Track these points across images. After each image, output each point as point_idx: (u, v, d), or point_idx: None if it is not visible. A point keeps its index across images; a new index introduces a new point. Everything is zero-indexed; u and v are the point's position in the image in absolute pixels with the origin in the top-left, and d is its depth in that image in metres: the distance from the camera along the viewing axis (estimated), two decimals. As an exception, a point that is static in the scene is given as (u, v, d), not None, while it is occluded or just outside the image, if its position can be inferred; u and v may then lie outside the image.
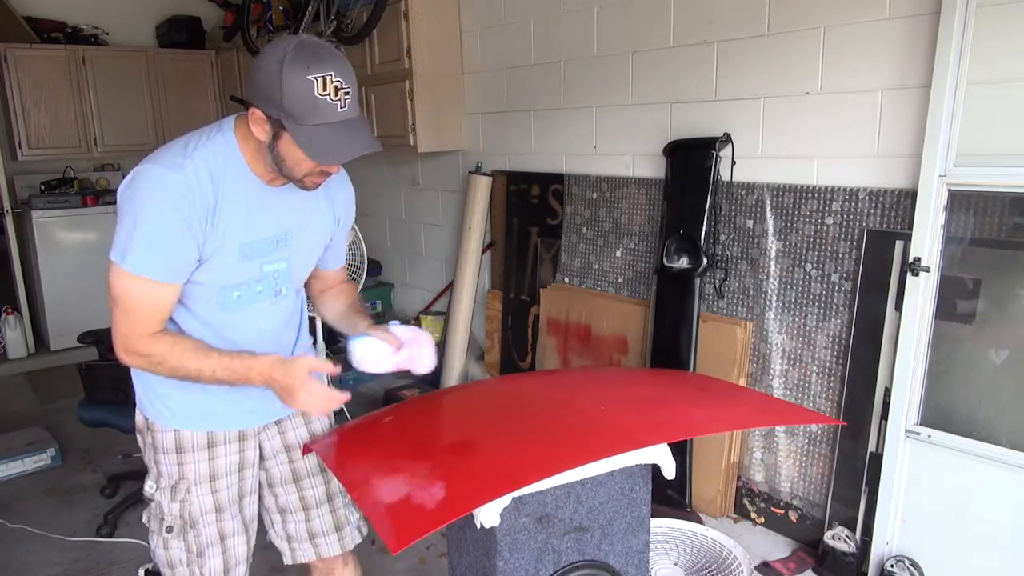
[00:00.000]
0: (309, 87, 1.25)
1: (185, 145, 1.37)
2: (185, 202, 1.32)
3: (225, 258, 1.41)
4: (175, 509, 1.54)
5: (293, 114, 1.27)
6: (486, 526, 1.37)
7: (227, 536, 1.59)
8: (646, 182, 3.13)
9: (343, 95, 1.28)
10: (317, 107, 1.26)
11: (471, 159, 4.08)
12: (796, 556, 2.61)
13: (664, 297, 2.94)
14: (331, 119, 1.28)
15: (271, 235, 1.47)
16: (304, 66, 1.25)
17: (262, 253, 1.46)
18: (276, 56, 1.26)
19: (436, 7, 3.86)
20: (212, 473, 1.56)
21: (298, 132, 1.28)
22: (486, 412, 1.74)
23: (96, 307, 4.68)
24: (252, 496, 1.65)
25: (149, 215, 1.31)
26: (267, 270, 1.48)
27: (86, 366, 2.93)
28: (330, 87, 1.26)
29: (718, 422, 1.82)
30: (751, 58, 2.66)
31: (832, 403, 2.58)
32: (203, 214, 1.35)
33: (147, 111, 5.53)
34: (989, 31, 2.04)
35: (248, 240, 1.43)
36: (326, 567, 1.76)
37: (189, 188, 1.32)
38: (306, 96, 1.25)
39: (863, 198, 2.42)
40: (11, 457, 3.45)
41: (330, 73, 1.26)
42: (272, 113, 1.29)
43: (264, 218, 1.44)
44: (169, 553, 1.55)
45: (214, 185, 1.35)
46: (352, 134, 1.31)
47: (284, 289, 1.54)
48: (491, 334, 4.10)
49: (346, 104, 1.29)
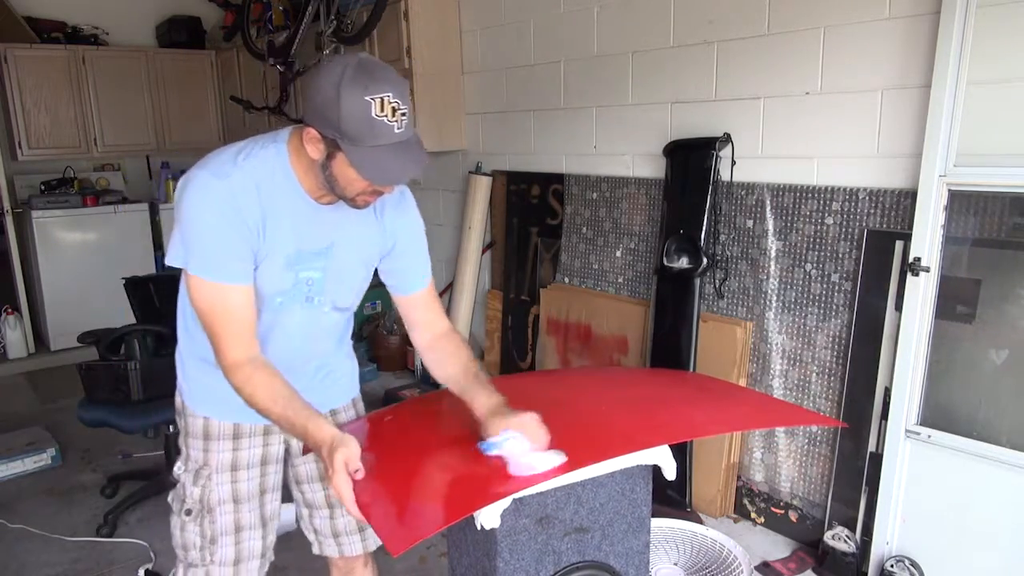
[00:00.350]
0: (367, 108, 1.23)
1: (237, 153, 1.38)
2: (230, 209, 1.33)
3: (272, 265, 1.43)
4: (195, 493, 1.58)
5: (350, 135, 1.26)
6: (486, 527, 1.37)
7: (242, 528, 1.61)
8: (646, 182, 3.13)
9: (400, 116, 1.26)
10: (374, 128, 1.25)
11: (471, 159, 4.08)
12: (796, 556, 2.61)
13: (664, 297, 2.94)
14: (387, 140, 1.27)
15: (315, 248, 1.47)
16: (362, 87, 1.23)
17: (304, 263, 1.47)
18: (334, 77, 1.24)
19: (436, 7, 3.86)
20: (234, 464, 1.59)
21: (354, 153, 1.27)
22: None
23: (96, 307, 4.76)
24: (274, 494, 1.67)
25: (196, 222, 1.33)
26: (302, 276, 1.49)
27: (86, 366, 2.93)
28: (387, 108, 1.25)
29: (719, 423, 1.81)
30: (751, 58, 2.65)
31: (832, 403, 2.58)
32: (251, 222, 1.36)
33: (147, 111, 5.53)
34: (989, 31, 2.04)
35: (294, 250, 1.44)
36: (347, 565, 1.79)
37: (234, 196, 1.33)
38: (364, 117, 1.24)
39: (863, 198, 2.42)
40: (11, 457, 3.45)
41: (388, 94, 1.25)
42: (328, 133, 1.28)
43: (310, 232, 1.45)
44: (185, 535, 1.59)
45: (260, 197, 1.36)
46: (406, 154, 1.29)
47: (317, 299, 1.52)
48: (491, 334, 4.10)
49: (403, 125, 1.27)
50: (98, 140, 5.34)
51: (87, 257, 5.19)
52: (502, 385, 1.53)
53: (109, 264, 5.07)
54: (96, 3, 5.47)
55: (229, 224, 1.34)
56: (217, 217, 1.33)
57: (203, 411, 1.59)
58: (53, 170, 5.36)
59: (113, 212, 5.30)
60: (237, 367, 1.38)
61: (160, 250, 5.52)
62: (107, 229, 5.28)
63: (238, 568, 1.61)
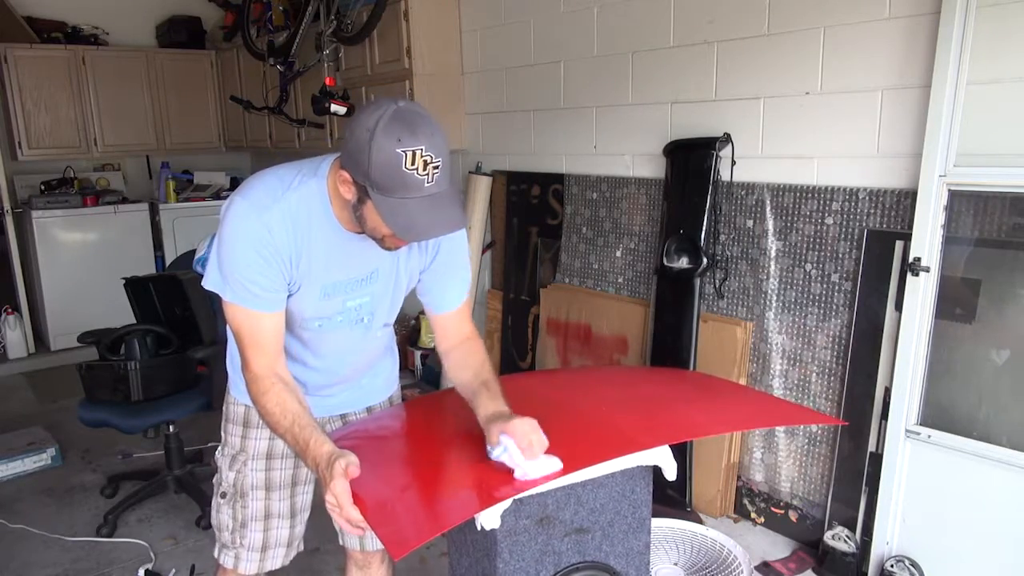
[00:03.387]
0: (398, 160, 1.21)
1: (279, 183, 1.39)
2: (264, 242, 1.36)
3: (307, 295, 1.46)
4: (231, 478, 1.66)
5: (379, 185, 1.24)
6: (486, 528, 1.37)
7: (272, 516, 1.68)
8: (646, 182, 3.13)
9: (432, 169, 1.24)
10: (405, 181, 1.23)
11: (471, 159, 4.08)
12: (796, 556, 2.61)
13: (664, 297, 2.94)
14: (418, 194, 1.24)
15: (356, 277, 1.49)
16: (395, 138, 1.21)
17: (346, 292, 1.49)
18: (369, 124, 1.23)
19: (436, 7, 3.86)
20: (270, 452, 1.66)
21: (381, 203, 1.26)
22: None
23: (96, 307, 4.76)
24: (306, 486, 1.73)
25: (231, 250, 1.37)
26: (350, 305, 1.52)
27: (86, 366, 2.93)
28: (419, 161, 1.22)
29: (719, 423, 1.82)
30: (751, 58, 2.65)
31: (832, 403, 2.57)
32: (285, 253, 1.38)
33: (147, 111, 5.52)
34: (989, 31, 2.04)
35: (331, 281, 1.46)
36: (365, 560, 1.83)
37: (271, 232, 1.36)
38: (394, 170, 1.22)
39: (863, 198, 2.42)
40: (11, 457, 3.45)
41: (421, 147, 1.22)
42: (359, 179, 1.27)
43: (348, 262, 1.46)
44: (219, 516, 1.68)
45: (296, 230, 1.38)
46: (437, 210, 1.27)
47: (367, 319, 1.57)
48: (491, 334, 4.10)
49: (434, 179, 1.24)
50: (98, 140, 5.34)
51: (87, 257, 5.18)
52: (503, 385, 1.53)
53: (109, 264, 5.06)
54: (96, 3, 5.46)
55: (263, 259, 1.37)
56: (253, 252, 1.36)
57: (243, 399, 1.63)
58: (53, 170, 5.36)
59: (113, 212, 5.30)
60: (260, 378, 1.42)
61: (160, 250, 5.52)
62: (107, 229, 5.27)
63: (265, 554, 1.69)
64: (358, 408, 1.76)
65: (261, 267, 1.37)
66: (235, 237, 1.36)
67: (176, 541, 2.84)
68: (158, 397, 2.90)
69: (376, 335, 1.64)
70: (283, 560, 1.72)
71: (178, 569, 2.64)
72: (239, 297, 1.39)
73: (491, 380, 1.54)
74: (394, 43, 3.87)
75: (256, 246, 1.35)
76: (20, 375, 5.00)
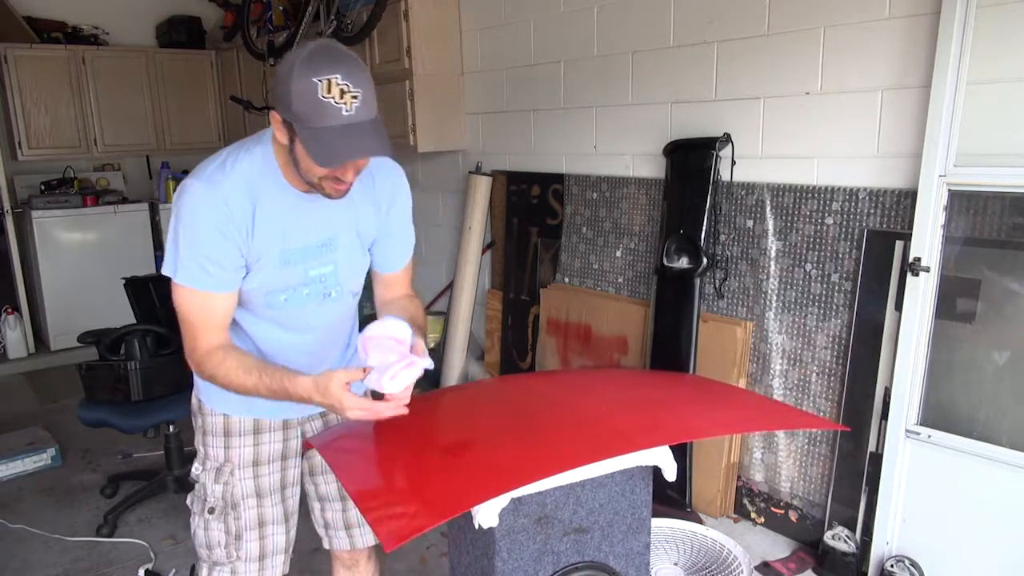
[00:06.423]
0: (314, 88, 1.25)
1: (225, 159, 1.42)
2: (223, 217, 1.38)
3: (267, 265, 1.45)
4: (218, 491, 1.60)
5: (299, 116, 1.28)
6: (484, 526, 1.37)
7: (266, 523, 1.64)
8: (646, 182, 3.13)
9: (350, 99, 1.27)
10: (322, 109, 1.26)
11: (471, 159, 4.08)
12: (796, 556, 2.61)
13: (664, 297, 2.94)
14: (336, 122, 1.27)
15: (314, 241, 1.49)
16: (312, 69, 1.25)
17: (306, 259, 1.49)
18: (290, 60, 1.28)
19: (436, 7, 3.86)
20: (256, 459, 1.63)
21: (304, 134, 1.29)
22: (485, 412, 1.74)
23: (96, 307, 4.76)
24: (294, 488, 1.71)
25: (187, 229, 1.38)
26: (313, 274, 1.51)
27: (86, 366, 2.93)
28: (335, 90, 1.25)
29: (719, 425, 1.81)
30: (751, 58, 2.65)
31: (832, 403, 2.57)
32: (242, 226, 1.40)
33: (147, 111, 5.52)
34: (989, 31, 2.04)
35: (289, 247, 1.46)
36: (352, 558, 1.81)
37: (227, 203, 1.37)
38: (311, 97, 1.25)
39: (863, 198, 2.42)
40: (11, 457, 3.45)
41: (336, 75, 1.25)
42: (285, 116, 1.31)
43: (304, 225, 1.47)
44: (209, 534, 1.61)
45: (251, 197, 1.40)
46: (355, 137, 1.29)
47: (334, 292, 1.56)
48: (491, 334, 4.10)
49: (353, 108, 1.27)
50: (98, 140, 5.34)
51: (87, 257, 5.18)
52: (503, 385, 1.53)
53: (109, 264, 5.07)
54: (96, 3, 5.46)
55: (223, 235, 1.38)
56: (213, 230, 1.37)
57: (222, 408, 1.61)
58: (53, 170, 5.36)
59: (113, 212, 5.30)
60: (211, 352, 1.43)
61: (160, 250, 5.52)
62: (107, 229, 5.28)
63: (263, 563, 1.65)
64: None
65: (220, 244, 1.38)
66: (194, 216, 1.37)
67: (176, 541, 2.84)
68: (158, 397, 2.91)
69: (348, 303, 1.62)
70: (283, 568, 1.68)
71: (178, 569, 2.64)
72: (194, 279, 1.40)
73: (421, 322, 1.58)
74: (394, 43, 3.87)
75: (216, 222, 1.37)
76: (20, 375, 5.01)
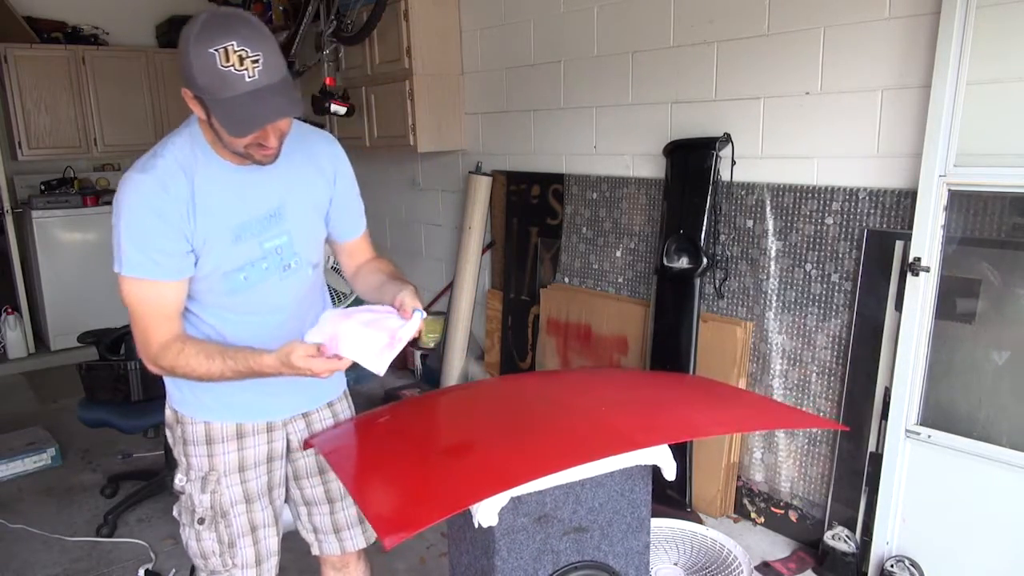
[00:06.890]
0: (212, 60, 1.23)
1: (156, 149, 1.41)
2: (160, 201, 1.36)
3: (218, 243, 1.43)
4: (206, 500, 1.57)
5: (206, 90, 1.27)
6: (484, 525, 1.37)
7: (258, 527, 1.62)
8: (646, 182, 3.13)
9: (250, 64, 1.25)
10: (225, 79, 1.24)
11: (471, 159, 4.08)
12: (796, 556, 2.61)
13: (664, 297, 2.94)
14: (240, 90, 1.25)
15: (261, 212, 1.47)
16: (207, 40, 1.23)
17: (257, 232, 1.47)
18: (185, 33, 1.26)
19: (436, 7, 3.86)
20: (241, 464, 1.59)
21: (215, 107, 1.28)
22: (485, 412, 1.74)
23: (96, 307, 4.75)
24: (281, 489, 1.69)
25: (130, 220, 1.36)
26: (267, 247, 1.49)
27: (86, 366, 2.93)
28: (233, 57, 1.23)
29: (719, 424, 1.81)
30: (751, 58, 2.65)
31: (832, 403, 2.57)
32: (182, 207, 1.37)
33: (147, 111, 5.52)
34: (989, 31, 2.04)
35: (237, 222, 1.44)
36: (343, 561, 1.79)
37: (163, 187, 1.36)
38: (212, 69, 1.24)
39: (863, 198, 2.42)
40: (11, 457, 3.45)
41: (232, 43, 1.23)
42: (195, 92, 1.30)
43: (247, 197, 1.45)
44: (201, 544, 1.59)
45: (187, 178, 1.38)
46: (265, 100, 1.28)
47: (293, 263, 1.53)
48: (491, 334, 4.10)
49: (256, 73, 1.26)
50: (98, 140, 5.34)
51: (87, 257, 5.18)
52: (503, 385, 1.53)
53: (109, 264, 5.01)
54: (96, 3, 5.47)
55: (164, 221, 1.36)
56: (153, 217, 1.36)
57: (202, 416, 1.58)
58: (53, 170, 5.36)
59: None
60: (168, 344, 1.42)
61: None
62: (107, 229, 5.20)
63: (260, 568, 1.63)
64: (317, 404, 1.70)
65: (163, 229, 1.36)
66: (133, 206, 1.36)
67: (176, 541, 2.84)
68: (158, 397, 2.88)
69: (308, 274, 1.59)
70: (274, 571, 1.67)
71: (178, 569, 2.64)
72: (141, 268, 1.38)
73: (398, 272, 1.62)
74: (394, 43, 3.87)
75: (155, 208, 1.35)
76: (20, 375, 5.01)
